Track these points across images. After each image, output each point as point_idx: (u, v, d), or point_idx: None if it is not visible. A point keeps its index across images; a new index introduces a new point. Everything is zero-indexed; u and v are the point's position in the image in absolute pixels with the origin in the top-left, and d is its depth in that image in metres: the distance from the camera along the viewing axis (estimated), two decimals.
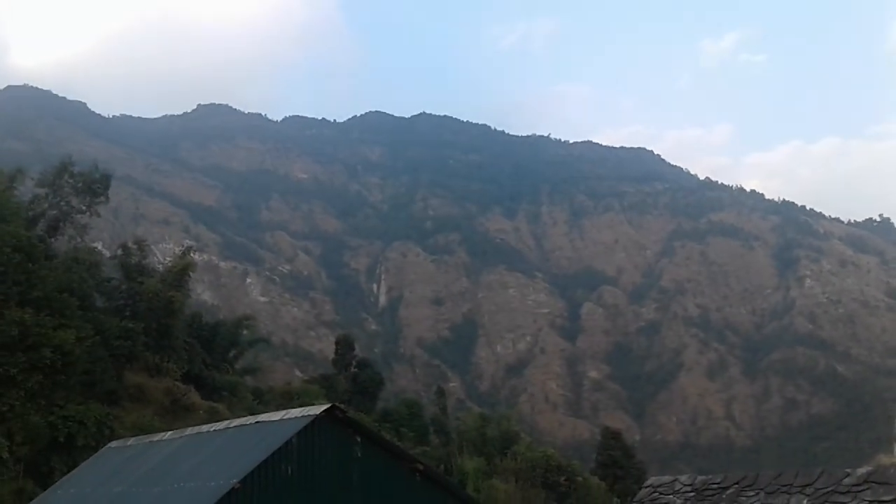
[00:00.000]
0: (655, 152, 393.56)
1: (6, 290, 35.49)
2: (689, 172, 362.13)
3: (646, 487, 10.37)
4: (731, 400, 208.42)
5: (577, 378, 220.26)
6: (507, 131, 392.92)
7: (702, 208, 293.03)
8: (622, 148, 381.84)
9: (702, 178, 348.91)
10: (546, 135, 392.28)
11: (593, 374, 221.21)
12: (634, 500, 9.11)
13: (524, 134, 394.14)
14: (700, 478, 13.02)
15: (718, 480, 12.50)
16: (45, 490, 29.24)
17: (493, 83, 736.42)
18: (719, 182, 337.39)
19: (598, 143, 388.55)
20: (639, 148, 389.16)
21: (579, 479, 58.38)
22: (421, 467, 17.95)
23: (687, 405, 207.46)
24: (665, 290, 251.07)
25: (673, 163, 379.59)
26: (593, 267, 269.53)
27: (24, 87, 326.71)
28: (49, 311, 36.88)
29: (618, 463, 66.75)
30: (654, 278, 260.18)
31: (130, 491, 17.39)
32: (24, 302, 36.14)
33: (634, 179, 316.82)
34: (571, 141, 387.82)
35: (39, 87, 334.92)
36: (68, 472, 29.87)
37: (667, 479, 13.39)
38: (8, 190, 59.37)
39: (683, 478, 13.20)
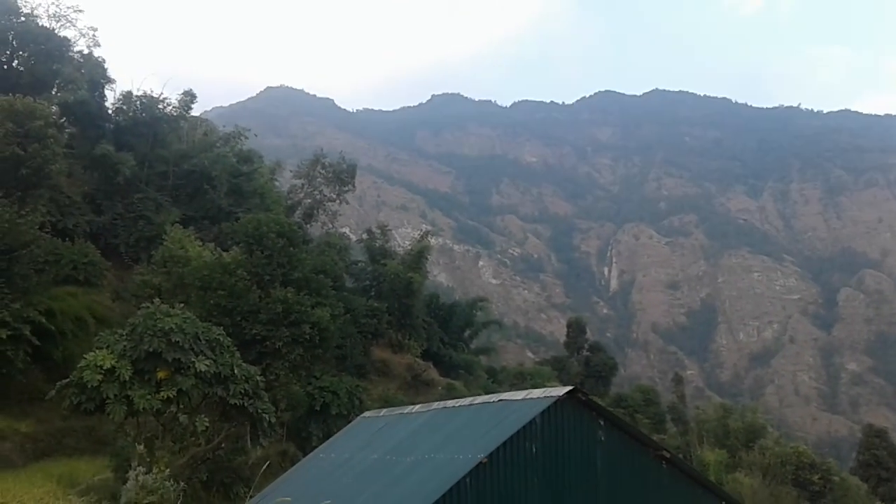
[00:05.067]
0: None
1: (272, 271, 39.20)
2: None
3: None
4: None
5: (832, 370, 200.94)
6: (749, 103, 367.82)
7: None
8: (888, 116, 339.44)
9: None
10: (795, 105, 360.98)
11: (852, 366, 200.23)
12: None
13: (769, 106, 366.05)
14: None
15: None
16: (304, 453, 32.00)
17: (734, 53, 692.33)
18: None
19: (858, 112, 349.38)
20: None
21: (836, 478, 53.17)
22: (667, 454, 17.04)
23: None
24: None
25: None
26: (853, 249, 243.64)
27: (281, 88, 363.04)
28: (307, 291, 40.21)
29: (882, 463, 60.29)
30: None
31: (385, 459, 18.39)
32: (287, 282, 39.72)
33: None
34: (826, 111, 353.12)
35: (293, 86, 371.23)
36: (324, 437, 32.42)
37: None
38: (270, 181, 66.11)
39: None
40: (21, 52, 55.21)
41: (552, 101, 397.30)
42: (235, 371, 25.08)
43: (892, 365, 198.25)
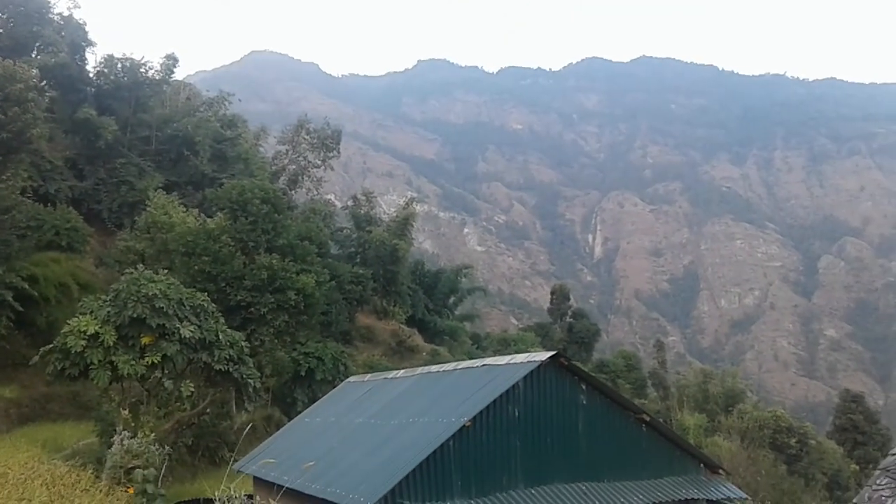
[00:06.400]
0: None
1: (256, 237, 39.10)
2: None
3: (893, 455, 8.90)
4: None
5: (811, 336, 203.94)
6: (736, 71, 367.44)
7: None
8: (872, 84, 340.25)
9: None
10: (782, 73, 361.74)
11: (831, 332, 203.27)
12: (878, 467, 7.99)
13: (756, 73, 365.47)
14: None
15: None
16: (288, 418, 32.22)
17: (721, 20, 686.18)
18: None
19: (843, 80, 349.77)
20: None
21: (812, 442, 54.18)
22: (647, 418, 17.38)
23: None
24: None
25: None
26: (834, 217, 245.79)
27: (265, 53, 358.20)
28: (292, 258, 40.16)
29: (859, 428, 61.25)
30: None
31: (369, 422, 18.64)
32: (271, 249, 39.66)
33: (887, 119, 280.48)
34: (811, 79, 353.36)
35: (278, 51, 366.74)
36: (309, 402, 32.61)
37: None
38: (254, 147, 65.55)
39: None
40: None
41: (539, 68, 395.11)
42: (220, 337, 25.10)
43: (870, 331, 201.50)
